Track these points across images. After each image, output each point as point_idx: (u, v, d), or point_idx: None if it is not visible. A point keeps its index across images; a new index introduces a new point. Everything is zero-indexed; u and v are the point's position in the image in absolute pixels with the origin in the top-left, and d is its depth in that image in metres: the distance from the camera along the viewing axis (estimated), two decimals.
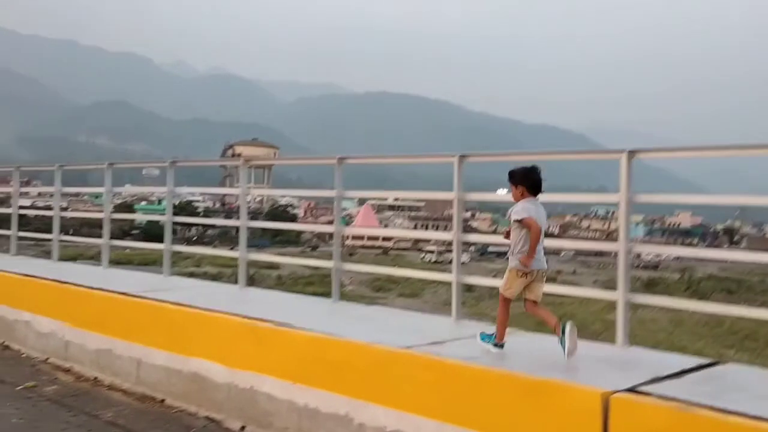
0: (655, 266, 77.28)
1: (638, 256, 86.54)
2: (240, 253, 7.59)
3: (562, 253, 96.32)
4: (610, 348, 4.92)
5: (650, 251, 25.97)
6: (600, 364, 4.38)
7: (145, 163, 12.54)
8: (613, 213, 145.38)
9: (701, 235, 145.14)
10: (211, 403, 5.56)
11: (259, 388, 5.19)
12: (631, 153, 4.86)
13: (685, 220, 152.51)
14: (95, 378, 6.64)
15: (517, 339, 4.63)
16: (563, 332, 4.23)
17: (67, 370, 6.96)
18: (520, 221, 4.40)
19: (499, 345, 4.48)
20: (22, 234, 11.39)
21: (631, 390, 3.61)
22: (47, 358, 7.36)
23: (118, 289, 6.98)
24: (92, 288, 7.20)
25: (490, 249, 72.21)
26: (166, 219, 8.39)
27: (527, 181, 4.49)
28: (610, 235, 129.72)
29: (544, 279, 4.51)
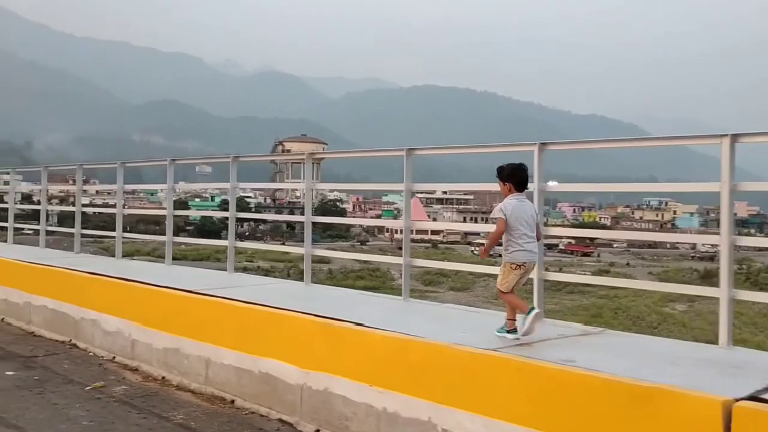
0: (711, 257, 74.97)
1: (693, 247, 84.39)
2: (305, 249, 7.44)
3: (615, 245, 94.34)
4: (713, 349, 4.57)
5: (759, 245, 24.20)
6: (707, 367, 4.05)
7: (204, 158, 12.46)
8: (666, 203, 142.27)
9: (759, 224, 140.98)
10: (283, 405, 5.38)
11: (333, 390, 4.98)
12: (734, 137, 4.50)
13: (741, 210, 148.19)
14: (163, 378, 6.54)
15: (613, 339, 4.30)
16: (529, 313, 4.47)
17: (135, 370, 6.88)
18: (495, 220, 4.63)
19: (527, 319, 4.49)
20: (84, 232, 11.47)
21: (754, 398, 3.27)
22: (114, 357, 7.31)
23: (184, 287, 6.88)
24: (158, 286, 7.11)
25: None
26: (229, 215, 8.29)
27: (514, 178, 4.68)
28: (664, 226, 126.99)
29: (533, 269, 4.76)
